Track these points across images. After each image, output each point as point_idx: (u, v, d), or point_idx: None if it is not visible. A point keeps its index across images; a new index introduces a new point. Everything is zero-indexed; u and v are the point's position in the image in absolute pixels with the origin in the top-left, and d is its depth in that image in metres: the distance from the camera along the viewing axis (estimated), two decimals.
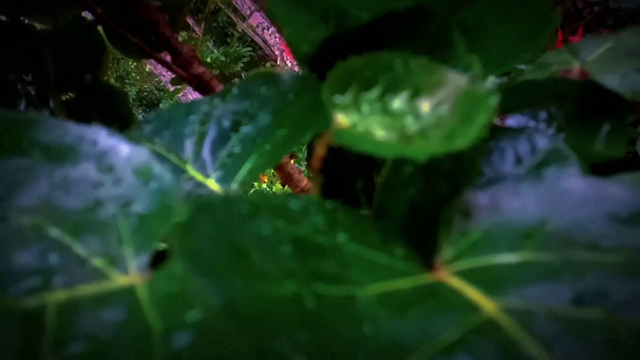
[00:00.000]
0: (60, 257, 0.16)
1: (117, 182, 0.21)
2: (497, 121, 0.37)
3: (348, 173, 0.29)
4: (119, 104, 0.74)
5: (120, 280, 0.16)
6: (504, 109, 0.34)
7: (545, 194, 0.21)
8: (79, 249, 0.17)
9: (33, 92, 0.64)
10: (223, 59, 4.37)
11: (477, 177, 0.24)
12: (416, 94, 0.20)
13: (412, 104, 0.20)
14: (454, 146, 0.17)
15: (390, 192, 0.27)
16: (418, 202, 0.24)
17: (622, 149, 0.26)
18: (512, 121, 0.33)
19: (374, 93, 0.20)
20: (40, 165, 0.20)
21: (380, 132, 0.17)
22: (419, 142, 0.17)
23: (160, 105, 5.87)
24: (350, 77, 0.20)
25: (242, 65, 4.45)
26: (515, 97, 0.33)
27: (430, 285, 0.17)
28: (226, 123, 0.30)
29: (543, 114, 0.32)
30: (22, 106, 0.65)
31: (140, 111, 6.16)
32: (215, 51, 4.52)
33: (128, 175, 0.21)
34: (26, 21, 0.71)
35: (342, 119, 0.19)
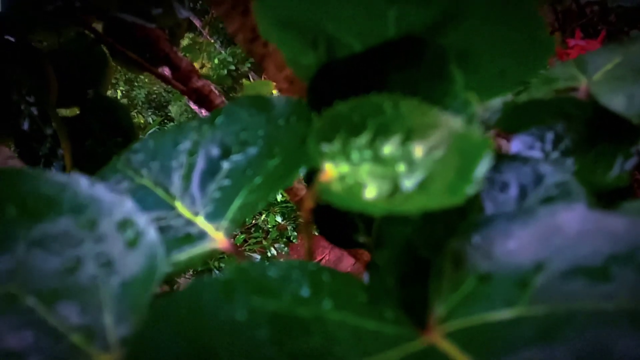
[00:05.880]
0: (35, 333, 0.16)
1: (99, 239, 0.20)
2: (502, 142, 0.36)
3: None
4: (122, 118, 0.73)
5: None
6: (510, 129, 0.33)
7: (539, 233, 0.19)
8: (55, 321, 0.16)
9: (36, 112, 0.64)
10: (230, 59, 4.37)
11: (477, 216, 0.23)
12: (408, 137, 0.19)
13: (404, 149, 0.19)
14: (449, 202, 0.15)
15: (388, 226, 0.25)
16: (414, 242, 0.23)
17: (628, 177, 0.24)
18: (517, 142, 0.31)
19: (364, 138, 0.19)
20: (16, 223, 0.19)
21: (370, 189, 0.16)
22: (412, 201, 0.15)
23: (169, 107, 5.89)
24: (338, 123, 0.19)
25: (249, 65, 4.44)
26: (520, 117, 0.31)
27: (421, 353, 0.16)
28: (215, 151, 0.28)
29: (550, 135, 0.30)
30: (25, 126, 0.65)
31: (149, 113, 6.18)
32: (223, 52, 4.52)
33: (110, 230, 0.20)
34: (29, 40, 0.71)
35: (330, 169, 0.18)
